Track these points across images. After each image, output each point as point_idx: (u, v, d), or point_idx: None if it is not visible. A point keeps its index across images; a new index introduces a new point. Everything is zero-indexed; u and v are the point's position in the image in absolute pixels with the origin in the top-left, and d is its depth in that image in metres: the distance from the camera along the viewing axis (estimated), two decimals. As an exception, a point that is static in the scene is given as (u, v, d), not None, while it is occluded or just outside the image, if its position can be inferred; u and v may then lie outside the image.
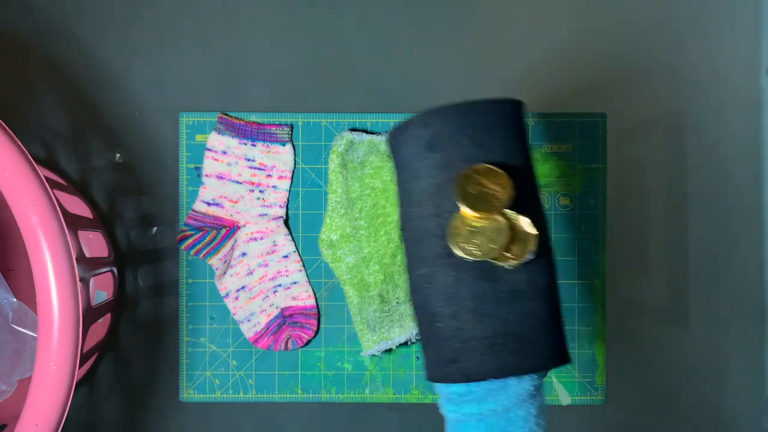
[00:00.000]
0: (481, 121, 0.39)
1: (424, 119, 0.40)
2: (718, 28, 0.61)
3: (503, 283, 0.37)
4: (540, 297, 0.38)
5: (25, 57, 0.60)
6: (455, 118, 0.39)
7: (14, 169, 0.41)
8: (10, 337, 0.53)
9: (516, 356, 0.37)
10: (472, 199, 0.37)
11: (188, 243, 0.60)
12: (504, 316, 0.37)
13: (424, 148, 0.39)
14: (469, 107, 0.39)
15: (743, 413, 0.61)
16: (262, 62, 0.61)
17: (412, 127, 0.40)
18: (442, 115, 0.39)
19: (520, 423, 0.37)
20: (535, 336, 0.37)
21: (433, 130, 0.39)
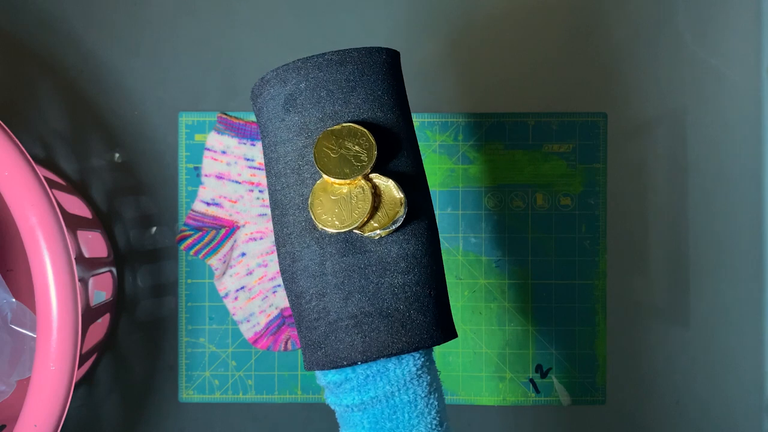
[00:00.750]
0: (344, 73, 0.35)
1: (281, 75, 0.36)
2: (718, 28, 0.61)
3: (371, 255, 0.34)
4: (413, 268, 0.34)
5: (24, 57, 0.60)
6: (314, 71, 0.35)
7: (13, 169, 0.41)
8: (8, 337, 0.53)
9: (387, 335, 0.33)
10: (332, 163, 0.33)
11: (187, 243, 0.60)
12: (372, 291, 0.33)
13: (281, 108, 0.35)
14: (328, 59, 0.35)
15: (743, 413, 0.61)
16: (261, 62, 0.61)
17: (269, 85, 0.36)
18: (298, 69, 0.35)
19: (407, 408, 0.34)
20: (409, 312, 0.34)
21: (291, 87, 0.35)
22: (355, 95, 0.35)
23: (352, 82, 0.35)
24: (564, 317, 0.61)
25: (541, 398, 0.61)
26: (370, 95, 0.35)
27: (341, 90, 0.35)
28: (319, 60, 0.35)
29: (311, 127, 0.35)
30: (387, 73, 0.36)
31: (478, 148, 0.61)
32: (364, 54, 0.36)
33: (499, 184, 0.61)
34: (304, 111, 0.35)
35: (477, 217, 0.61)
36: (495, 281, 0.61)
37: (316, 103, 0.35)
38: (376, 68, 0.36)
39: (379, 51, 0.36)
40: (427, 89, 0.61)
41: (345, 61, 0.35)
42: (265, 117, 0.37)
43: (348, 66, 0.35)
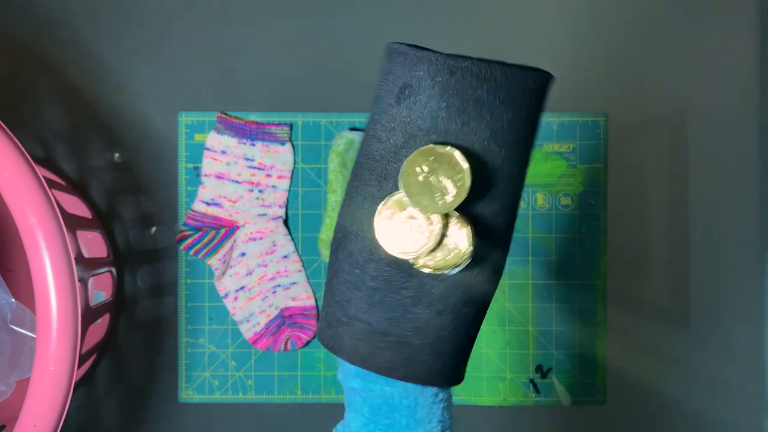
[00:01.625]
0: (476, 90, 0.30)
1: (409, 56, 0.31)
2: (718, 28, 0.61)
3: (413, 281, 0.31)
4: (447, 314, 0.32)
5: (23, 57, 0.60)
6: (444, 74, 0.31)
7: (13, 169, 0.41)
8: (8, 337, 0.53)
9: (389, 359, 0.32)
10: (415, 186, 0.29)
11: (187, 243, 0.60)
12: (398, 314, 0.32)
13: (395, 94, 0.31)
14: (465, 66, 0.31)
15: (743, 414, 0.61)
16: (261, 62, 0.61)
17: (396, 57, 0.32)
18: (429, 63, 0.31)
19: (404, 412, 0.33)
20: (422, 349, 0.32)
21: (412, 77, 0.31)
22: (478, 120, 0.30)
23: (480, 104, 0.30)
24: (564, 317, 0.61)
25: (542, 398, 0.61)
26: (493, 125, 0.30)
27: (465, 107, 0.30)
28: (457, 62, 0.31)
29: (414, 133, 0.31)
30: (524, 104, 0.31)
31: (478, 148, 0.61)
32: (508, 75, 0.31)
33: (499, 184, 0.61)
34: (413, 111, 0.31)
35: (477, 217, 0.61)
36: (495, 281, 0.61)
37: (432, 111, 0.30)
38: (514, 96, 0.31)
39: (526, 75, 0.31)
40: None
41: (483, 76, 0.31)
42: (383, 83, 0.33)
43: (484, 84, 0.31)
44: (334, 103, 0.61)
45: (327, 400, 0.61)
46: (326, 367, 0.61)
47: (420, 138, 0.30)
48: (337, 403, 0.60)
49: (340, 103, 0.61)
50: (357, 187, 0.33)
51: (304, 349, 0.61)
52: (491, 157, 0.31)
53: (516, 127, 0.31)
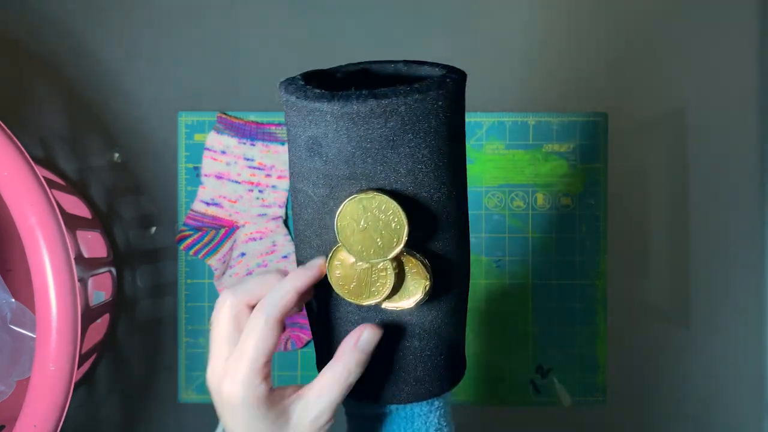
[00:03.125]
0: (385, 128, 0.28)
1: (305, 109, 0.28)
2: (718, 27, 0.61)
3: (388, 317, 0.32)
4: (430, 337, 0.32)
5: (24, 57, 0.60)
6: (346, 124, 0.28)
7: (13, 169, 0.41)
8: (8, 337, 0.53)
9: (390, 388, 0.33)
10: (357, 239, 0.28)
11: (187, 243, 0.60)
12: (384, 349, 0.32)
13: (304, 148, 0.29)
14: (366, 108, 0.27)
15: (743, 413, 0.61)
16: (261, 62, 0.61)
17: (291, 107, 0.29)
18: (325, 116, 0.28)
19: (402, 423, 0.34)
20: (415, 370, 0.32)
21: (314, 131, 0.29)
22: (395, 156, 0.28)
23: (392, 141, 0.28)
24: (564, 317, 0.61)
25: (542, 398, 0.61)
26: (413, 155, 0.29)
27: (379, 146, 0.28)
28: (353, 108, 0.27)
29: (336, 182, 0.29)
30: (440, 121, 0.29)
31: (478, 148, 0.61)
32: (411, 105, 0.28)
33: (499, 184, 0.61)
34: (328, 162, 0.29)
35: (477, 217, 0.61)
36: (495, 281, 0.61)
37: (346, 159, 0.28)
38: (426, 119, 0.28)
39: (436, 89, 0.28)
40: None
41: (386, 114, 0.27)
42: (288, 134, 0.31)
43: (390, 121, 0.28)
44: (334, 103, 0.61)
45: (327, 400, 0.61)
46: (326, 367, 0.61)
47: (343, 186, 0.29)
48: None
49: (340, 103, 0.61)
50: (301, 243, 0.32)
51: (304, 349, 0.61)
52: (421, 187, 0.29)
53: (437, 148, 0.29)
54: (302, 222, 0.32)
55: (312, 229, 0.31)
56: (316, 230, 0.31)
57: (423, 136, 0.28)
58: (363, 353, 0.30)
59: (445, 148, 0.29)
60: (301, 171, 0.31)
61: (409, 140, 0.28)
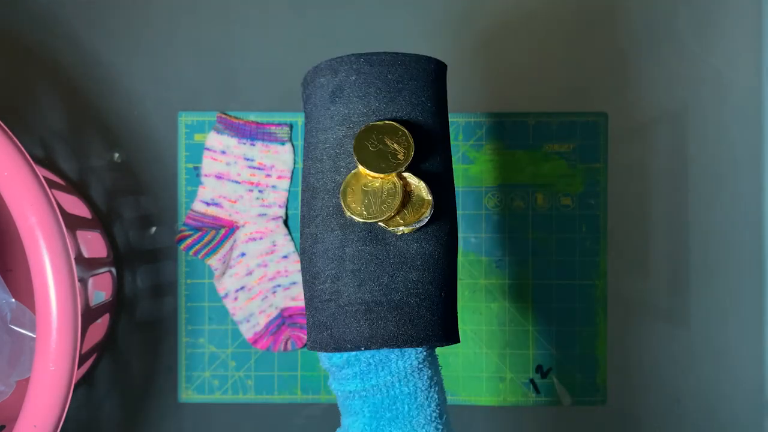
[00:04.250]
0: (393, 74, 0.37)
1: (333, 65, 0.37)
2: (718, 28, 0.61)
3: (391, 248, 0.35)
4: (429, 267, 0.35)
5: (24, 57, 0.60)
6: (365, 66, 0.37)
7: (13, 169, 0.41)
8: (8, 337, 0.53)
9: (394, 326, 0.34)
10: (370, 156, 0.34)
11: (187, 243, 0.60)
12: (387, 282, 0.34)
13: (329, 97, 0.37)
14: (381, 58, 0.37)
15: (743, 413, 0.61)
16: (261, 62, 0.61)
17: (321, 73, 0.38)
18: (351, 63, 0.37)
19: (406, 399, 0.35)
20: (418, 308, 0.35)
21: (340, 79, 0.37)
22: (401, 96, 0.36)
23: (400, 84, 0.36)
24: (564, 317, 0.61)
25: (542, 398, 0.61)
26: (414, 98, 0.37)
27: (388, 89, 0.36)
28: (372, 57, 0.37)
29: (354, 120, 0.36)
30: (433, 81, 0.38)
31: (478, 148, 0.61)
32: (414, 60, 0.37)
33: (499, 184, 0.61)
34: (349, 103, 0.36)
35: (477, 217, 0.61)
36: (495, 281, 0.61)
37: (363, 97, 0.36)
38: (423, 75, 0.37)
39: (428, 60, 0.38)
40: (427, 89, 0.61)
41: (396, 62, 0.37)
42: (311, 104, 0.38)
43: (398, 68, 0.37)
44: (334, 103, 0.61)
45: (327, 400, 0.61)
46: (326, 367, 0.61)
47: (359, 123, 0.36)
48: (336, 402, 0.60)
49: (340, 103, 0.61)
50: (314, 193, 0.37)
51: (304, 349, 0.61)
52: (421, 122, 0.36)
53: (431, 99, 0.37)
54: (316, 174, 0.37)
55: (328, 174, 0.36)
56: (331, 173, 0.36)
57: (421, 86, 0.37)
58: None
59: (436, 102, 0.38)
60: (321, 122, 0.37)
61: (411, 86, 0.37)
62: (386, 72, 0.37)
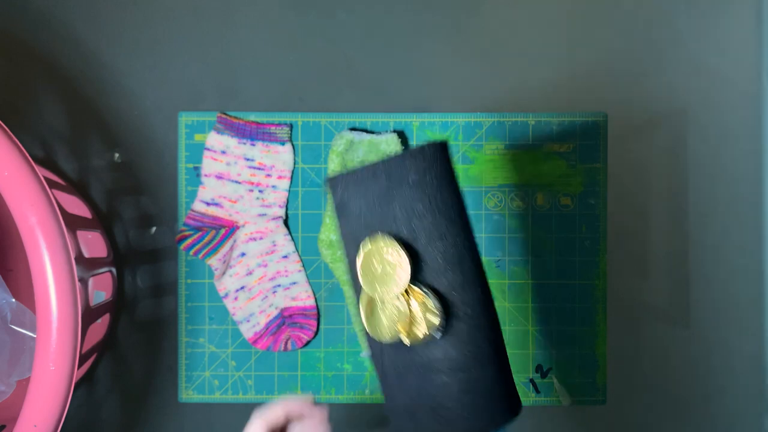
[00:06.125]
0: (380, 186, 0.36)
1: (331, 183, 0.38)
2: (718, 28, 0.61)
3: (417, 355, 0.36)
4: (454, 371, 0.36)
5: (24, 57, 0.60)
6: (352, 186, 0.37)
7: (13, 169, 0.41)
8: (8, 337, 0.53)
9: (436, 427, 0.36)
10: (373, 277, 0.35)
11: (187, 243, 0.60)
12: (421, 387, 0.36)
13: (335, 212, 0.39)
14: (360, 175, 0.37)
15: (744, 413, 0.61)
16: (262, 62, 0.61)
17: (327, 188, 0.39)
18: (338, 183, 0.38)
19: None
20: (456, 407, 0.36)
21: (338, 197, 0.38)
22: (391, 207, 0.36)
23: (389, 195, 0.36)
24: (564, 317, 0.61)
25: (542, 398, 0.61)
26: (405, 206, 0.36)
27: (379, 202, 0.36)
28: (354, 176, 0.37)
29: (357, 235, 0.37)
30: (426, 180, 0.36)
31: (478, 148, 0.61)
32: (396, 164, 0.36)
33: (499, 184, 0.61)
34: (350, 219, 0.37)
35: (477, 217, 0.61)
36: (495, 281, 0.61)
37: (359, 215, 0.37)
38: (405, 177, 0.36)
39: (410, 157, 0.36)
40: (427, 89, 0.61)
41: (377, 174, 0.36)
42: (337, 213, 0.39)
43: (381, 179, 0.36)
44: (334, 103, 0.61)
45: (327, 399, 0.61)
46: (326, 366, 0.61)
47: (362, 238, 0.36)
48: (336, 402, 0.60)
49: (340, 103, 0.61)
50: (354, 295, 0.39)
51: (304, 348, 0.61)
52: (419, 231, 0.36)
53: (425, 200, 0.36)
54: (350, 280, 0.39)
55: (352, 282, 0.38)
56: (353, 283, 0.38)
57: (413, 191, 0.36)
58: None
59: (436, 199, 0.36)
60: (342, 238, 0.39)
61: (400, 195, 0.36)
62: (372, 185, 0.36)
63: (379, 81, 0.61)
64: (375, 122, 0.60)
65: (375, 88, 0.61)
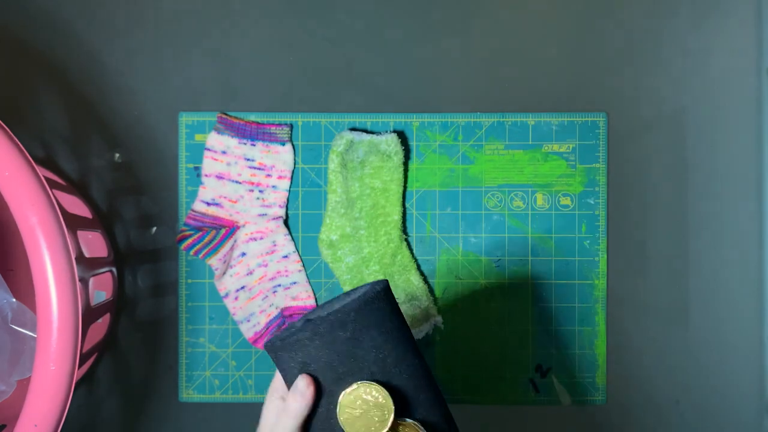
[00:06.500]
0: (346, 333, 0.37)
1: (291, 341, 0.38)
2: (718, 27, 0.61)
3: None
4: None
5: (24, 57, 0.60)
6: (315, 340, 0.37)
7: (13, 169, 0.41)
8: (9, 337, 0.53)
9: None
10: (358, 423, 0.36)
11: (188, 243, 0.60)
12: None
13: (299, 372, 0.38)
14: (326, 326, 0.37)
15: (743, 413, 0.61)
16: (262, 62, 0.61)
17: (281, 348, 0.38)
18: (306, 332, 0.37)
19: None
20: None
21: (301, 356, 0.38)
22: (361, 350, 0.37)
23: (355, 339, 0.37)
24: (564, 317, 0.61)
25: (541, 398, 0.61)
26: (374, 348, 0.37)
27: (346, 349, 0.37)
28: (321, 327, 0.37)
29: (330, 388, 0.37)
30: (384, 316, 0.38)
31: (478, 148, 0.61)
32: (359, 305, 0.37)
33: (499, 184, 0.61)
34: (318, 374, 0.37)
35: (477, 217, 0.61)
36: (495, 281, 0.61)
37: (329, 367, 0.37)
38: (373, 316, 0.38)
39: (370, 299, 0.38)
40: (427, 89, 0.61)
41: (344, 323, 0.37)
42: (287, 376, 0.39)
43: (348, 325, 0.37)
44: (334, 103, 0.61)
45: (327, 399, 0.61)
46: (326, 366, 0.61)
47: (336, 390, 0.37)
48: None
49: (340, 103, 0.61)
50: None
51: (304, 348, 0.61)
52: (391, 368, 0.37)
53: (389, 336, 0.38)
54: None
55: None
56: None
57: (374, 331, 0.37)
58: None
59: (395, 334, 0.38)
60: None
61: (368, 337, 0.37)
62: (338, 333, 0.37)
63: (379, 81, 0.61)
64: (375, 122, 0.61)
65: (375, 88, 0.61)
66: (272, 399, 0.40)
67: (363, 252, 0.59)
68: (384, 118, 0.60)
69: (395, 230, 0.59)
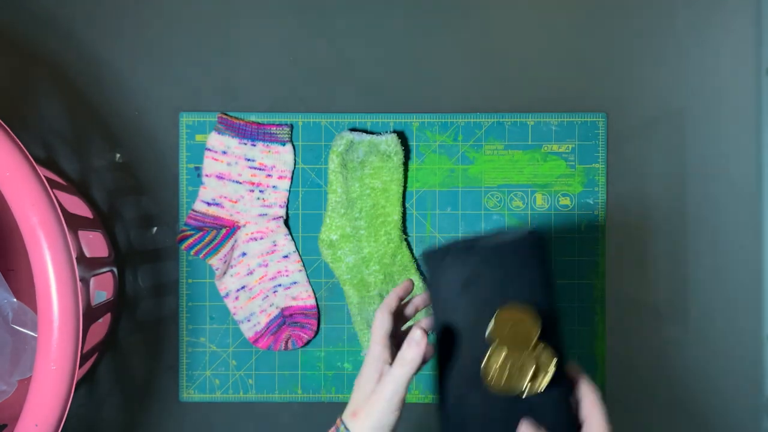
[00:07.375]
0: (513, 261, 0.41)
1: (462, 257, 0.42)
2: (718, 28, 0.61)
3: (528, 405, 0.41)
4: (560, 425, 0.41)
5: (25, 57, 0.60)
6: (492, 258, 0.41)
7: (14, 170, 0.41)
8: (9, 337, 0.53)
9: None
10: (506, 337, 0.40)
11: (188, 243, 0.60)
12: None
13: (462, 286, 0.42)
14: (502, 249, 0.41)
15: (743, 413, 0.61)
16: (262, 62, 0.61)
17: (450, 261, 0.42)
18: (480, 254, 0.42)
19: None
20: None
21: (471, 269, 0.41)
22: (520, 277, 0.41)
23: (518, 269, 0.42)
24: (564, 317, 0.61)
25: (541, 398, 0.61)
26: (532, 279, 0.42)
27: (512, 274, 0.41)
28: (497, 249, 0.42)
29: (484, 305, 0.41)
30: (542, 257, 0.42)
31: (478, 148, 0.61)
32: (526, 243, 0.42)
33: (499, 184, 0.61)
34: (479, 293, 0.41)
35: (477, 217, 0.61)
36: (495, 281, 0.61)
37: (493, 286, 0.41)
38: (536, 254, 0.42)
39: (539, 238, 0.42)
40: (427, 89, 0.61)
41: (514, 250, 0.42)
42: (443, 286, 0.42)
43: (516, 255, 0.42)
44: (334, 104, 0.61)
45: (327, 399, 0.61)
46: (326, 366, 0.61)
47: (488, 309, 0.40)
48: (336, 402, 0.61)
49: (340, 103, 0.61)
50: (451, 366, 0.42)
51: (304, 348, 0.61)
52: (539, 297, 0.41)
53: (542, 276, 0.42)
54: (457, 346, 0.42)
55: (464, 354, 0.41)
56: (467, 352, 0.41)
57: (536, 266, 0.42)
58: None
59: (549, 277, 0.42)
60: (450, 310, 0.42)
61: (529, 268, 0.42)
62: (508, 259, 0.41)
63: (379, 81, 0.61)
64: (375, 122, 0.61)
65: (375, 88, 0.61)
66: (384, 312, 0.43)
67: (363, 252, 0.60)
68: (384, 118, 0.61)
69: (395, 230, 0.59)
